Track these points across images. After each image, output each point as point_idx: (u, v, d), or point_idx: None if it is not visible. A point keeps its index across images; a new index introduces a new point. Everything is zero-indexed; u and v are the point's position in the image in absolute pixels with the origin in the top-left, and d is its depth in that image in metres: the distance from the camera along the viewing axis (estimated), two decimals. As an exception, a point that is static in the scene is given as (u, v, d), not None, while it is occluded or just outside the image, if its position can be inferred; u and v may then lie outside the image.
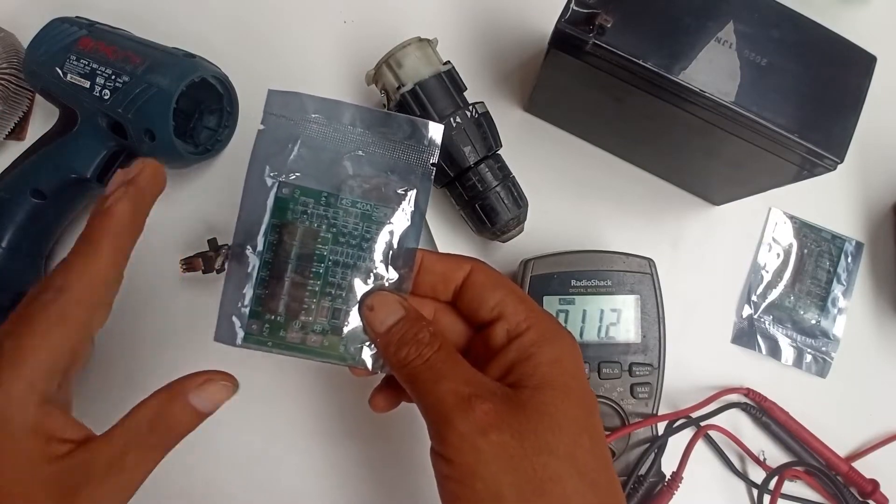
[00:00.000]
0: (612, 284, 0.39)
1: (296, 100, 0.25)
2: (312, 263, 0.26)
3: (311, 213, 0.26)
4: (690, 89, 0.31)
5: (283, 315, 0.26)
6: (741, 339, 0.44)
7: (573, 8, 0.31)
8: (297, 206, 0.26)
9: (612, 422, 0.38)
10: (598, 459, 0.25)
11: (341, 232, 0.26)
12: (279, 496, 0.40)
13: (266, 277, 0.25)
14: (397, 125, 0.26)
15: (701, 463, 0.41)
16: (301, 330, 0.26)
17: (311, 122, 0.26)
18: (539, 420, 0.24)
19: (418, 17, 0.47)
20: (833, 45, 0.32)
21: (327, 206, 0.26)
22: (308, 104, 0.25)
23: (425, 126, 0.26)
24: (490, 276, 0.27)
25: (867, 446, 0.42)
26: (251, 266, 0.25)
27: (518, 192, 0.40)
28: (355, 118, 0.26)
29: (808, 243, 0.46)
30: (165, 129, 0.37)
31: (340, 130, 0.26)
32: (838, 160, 0.31)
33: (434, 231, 0.41)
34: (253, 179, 0.25)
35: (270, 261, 0.25)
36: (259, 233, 0.25)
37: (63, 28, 0.40)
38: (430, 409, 0.24)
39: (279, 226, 0.25)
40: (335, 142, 0.26)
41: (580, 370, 0.26)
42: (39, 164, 0.40)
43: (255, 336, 0.25)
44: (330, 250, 0.26)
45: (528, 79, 0.46)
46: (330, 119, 0.26)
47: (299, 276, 0.26)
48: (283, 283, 0.25)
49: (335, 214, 0.26)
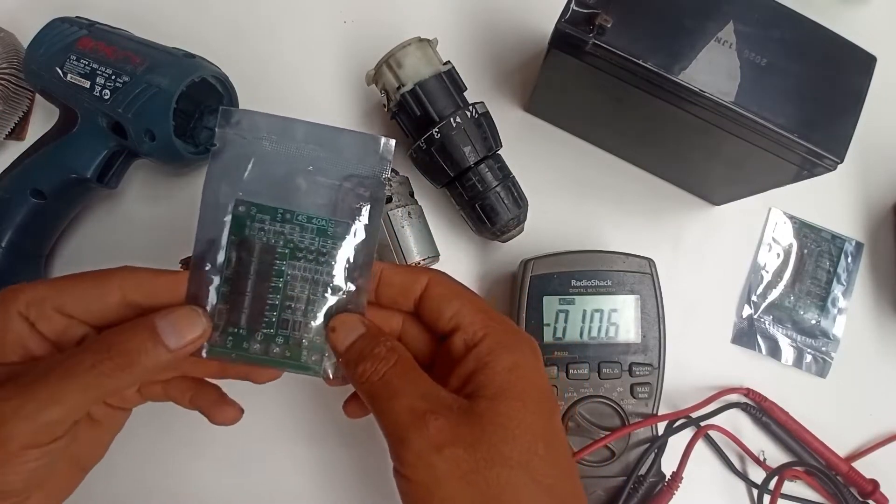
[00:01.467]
0: (612, 284, 0.39)
1: (248, 118, 0.26)
2: (271, 278, 0.26)
3: (268, 230, 0.26)
4: (690, 89, 0.31)
5: (246, 328, 0.26)
6: (741, 339, 0.44)
7: (573, 8, 0.31)
8: (253, 223, 0.26)
9: (612, 422, 0.38)
10: (555, 466, 0.24)
11: (298, 247, 0.26)
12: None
13: (227, 292, 0.26)
14: (349, 141, 0.27)
15: (701, 463, 0.41)
16: (264, 342, 0.26)
17: (263, 140, 0.26)
18: (493, 431, 0.23)
19: (418, 17, 0.47)
20: (833, 45, 0.32)
21: (283, 223, 0.26)
22: (260, 122, 0.26)
23: (376, 141, 0.27)
24: (447, 287, 0.27)
25: (867, 446, 0.43)
26: (212, 282, 0.26)
27: (518, 192, 0.40)
28: (308, 135, 0.26)
29: (808, 243, 0.46)
30: (165, 129, 0.37)
31: (294, 147, 0.26)
32: (838, 160, 0.31)
33: (434, 231, 0.41)
34: (209, 197, 0.26)
35: (231, 276, 0.26)
36: (218, 249, 0.26)
37: (63, 28, 0.40)
38: (387, 427, 0.24)
39: (237, 243, 0.26)
40: (289, 158, 0.26)
41: (539, 375, 0.26)
42: (39, 164, 0.40)
43: (219, 348, 0.26)
44: (288, 265, 0.26)
45: (528, 79, 0.46)
46: (282, 136, 0.26)
47: (259, 291, 0.26)
48: (244, 298, 0.26)
49: (291, 230, 0.26)
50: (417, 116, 0.38)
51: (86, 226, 0.44)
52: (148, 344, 0.23)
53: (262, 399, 0.41)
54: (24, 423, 0.22)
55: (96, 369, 0.22)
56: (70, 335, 0.25)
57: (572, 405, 0.38)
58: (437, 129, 0.37)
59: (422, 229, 0.40)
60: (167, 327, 0.24)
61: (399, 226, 0.39)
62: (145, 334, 0.24)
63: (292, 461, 0.41)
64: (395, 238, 0.38)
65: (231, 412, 0.28)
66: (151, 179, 0.44)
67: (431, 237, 0.40)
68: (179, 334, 0.24)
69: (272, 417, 0.41)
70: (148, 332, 0.24)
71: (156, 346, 0.23)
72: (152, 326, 0.24)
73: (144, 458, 0.40)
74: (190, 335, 0.24)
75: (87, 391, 0.23)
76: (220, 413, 0.28)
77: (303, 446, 0.41)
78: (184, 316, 0.24)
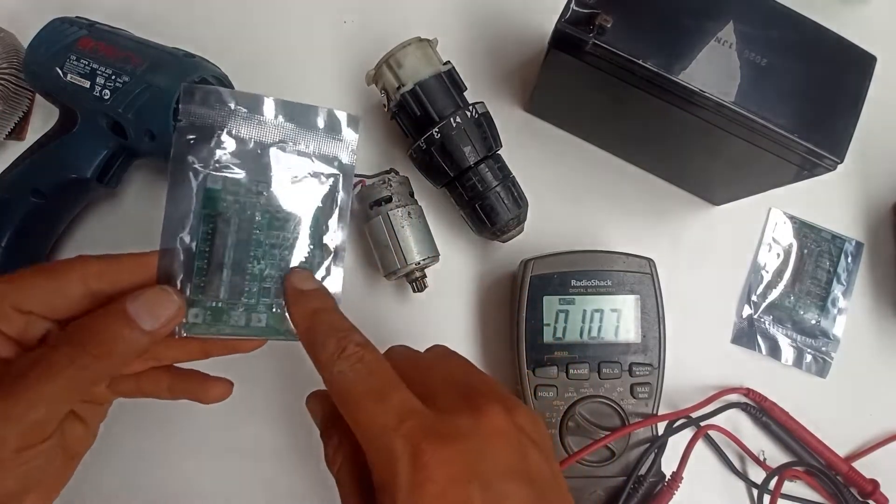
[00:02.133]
0: (612, 284, 0.39)
1: (214, 94, 0.26)
2: (251, 248, 0.27)
3: (244, 202, 0.27)
4: (690, 89, 0.31)
5: (226, 301, 0.26)
6: (741, 339, 0.44)
7: (573, 8, 0.31)
8: (227, 195, 0.26)
9: (612, 422, 0.38)
10: None
11: (275, 217, 0.27)
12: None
13: (203, 266, 0.26)
14: (317, 116, 0.28)
15: (701, 463, 0.41)
16: (245, 312, 0.27)
17: (233, 115, 0.26)
18: None
19: (418, 17, 0.47)
20: (833, 45, 0.32)
21: (258, 195, 0.27)
22: (227, 98, 0.26)
23: (342, 116, 0.28)
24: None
25: (867, 446, 0.43)
26: (185, 258, 0.26)
27: (518, 192, 0.40)
28: (277, 110, 0.27)
29: (808, 243, 0.46)
30: (165, 129, 0.37)
31: (264, 122, 0.27)
32: (838, 160, 0.31)
33: (434, 231, 0.41)
34: (177, 173, 0.26)
35: (207, 250, 0.26)
36: (188, 225, 0.26)
37: (63, 28, 0.40)
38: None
39: (213, 216, 0.26)
40: (259, 133, 0.27)
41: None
42: (39, 164, 0.40)
43: (198, 325, 0.26)
44: (266, 235, 0.27)
45: (529, 79, 0.46)
46: (252, 111, 0.27)
47: (239, 262, 0.26)
48: (222, 270, 0.26)
49: (267, 201, 0.27)
50: (417, 116, 0.38)
51: (86, 226, 0.44)
52: (124, 330, 0.23)
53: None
54: (13, 427, 0.21)
55: (75, 363, 0.22)
56: (32, 332, 0.24)
57: (572, 405, 0.38)
58: (437, 129, 0.37)
59: (422, 229, 0.40)
60: (139, 309, 0.23)
61: (399, 226, 0.39)
62: (119, 321, 0.23)
63: (288, 454, 0.41)
64: (395, 238, 0.38)
65: (220, 386, 0.28)
66: (151, 179, 0.44)
67: (431, 237, 0.40)
68: (153, 315, 0.23)
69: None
70: (121, 317, 0.23)
71: (132, 331, 0.23)
72: (123, 311, 0.23)
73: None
74: (165, 314, 0.24)
75: (69, 386, 0.22)
76: (209, 390, 0.28)
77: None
78: (155, 296, 0.24)
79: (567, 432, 0.38)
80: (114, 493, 0.40)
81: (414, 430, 0.21)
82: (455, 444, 0.21)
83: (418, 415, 0.22)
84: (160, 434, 0.40)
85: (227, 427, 0.41)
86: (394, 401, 0.22)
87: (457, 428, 0.22)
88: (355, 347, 0.23)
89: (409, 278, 0.40)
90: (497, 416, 0.23)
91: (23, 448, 0.22)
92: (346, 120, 0.28)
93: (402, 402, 0.22)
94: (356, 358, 0.23)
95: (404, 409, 0.22)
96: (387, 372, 0.23)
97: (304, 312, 0.25)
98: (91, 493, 0.39)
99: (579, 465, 0.38)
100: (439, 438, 0.21)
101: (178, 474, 0.40)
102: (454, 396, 0.24)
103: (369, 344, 0.24)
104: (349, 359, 0.23)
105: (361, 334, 0.25)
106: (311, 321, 0.25)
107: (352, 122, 0.28)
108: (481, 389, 0.25)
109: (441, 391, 0.24)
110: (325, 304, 0.26)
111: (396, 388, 0.23)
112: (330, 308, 0.26)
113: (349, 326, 0.25)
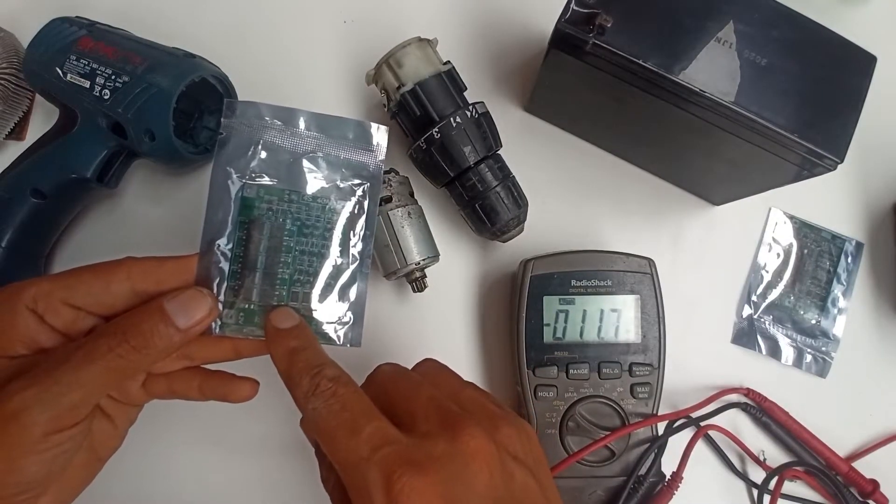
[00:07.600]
0: (612, 284, 0.39)
1: (252, 108, 0.28)
2: (281, 254, 0.28)
3: (276, 210, 0.28)
4: (690, 89, 0.31)
5: (257, 304, 0.28)
6: (741, 339, 0.44)
7: (573, 8, 0.31)
8: (262, 203, 0.28)
9: (612, 422, 0.38)
10: None
11: (305, 224, 0.28)
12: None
13: (238, 270, 0.28)
14: (347, 128, 0.29)
15: (701, 463, 0.41)
16: None
17: (268, 128, 0.28)
18: None
19: (418, 17, 0.47)
20: (833, 45, 0.32)
21: (290, 202, 0.28)
22: (264, 111, 0.28)
23: (372, 127, 0.29)
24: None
25: (867, 446, 0.43)
26: (221, 261, 0.27)
27: (518, 192, 0.40)
28: (309, 122, 0.29)
29: (808, 243, 0.46)
30: (165, 129, 0.37)
31: (297, 134, 0.29)
32: (838, 160, 0.31)
33: (434, 231, 0.41)
34: (217, 182, 0.28)
35: (241, 255, 0.28)
36: (226, 231, 0.27)
37: (63, 28, 0.40)
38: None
39: (247, 223, 0.28)
40: (293, 144, 0.29)
41: None
42: (39, 164, 0.40)
43: (231, 325, 0.27)
44: (296, 241, 0.28)
45: (528, 79, 0.46)
46: (286, 124, 0.28)
47: (270, 267, 0.28)
48: (255, 274, 0.28)
49: (298, 209, 0.28)
50: (417, 116, 0.38)
51: (86, 226, 0.44)
52: (160, 325, 0.25)
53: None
54: (45, 409, 0.22)
55: (114, 352, 0.24)
56: (79, 326, 0.26)
57: (572, 405, 0.38)
58: (437, 129, 0.37)
59: (422, 229, 0.40)
60: (175, 308, 0.25)
61: (399, 226, 0.39)
62: (156, 317, 0.25)
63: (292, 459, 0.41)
64: (395, 238, 0.38)
65: (247, 386, 0.29)
66: (151, 179, 0.44)
67: (431, 237, 0.40)
68: (187, 314, 0.25)
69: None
70: (158, 314, 0.25)
71: (167, 327, 0.25)
72: (161, 308, 0.25)
73: (147, 457, 0.40)
74: (198, 314, 0.25)
75: (106, 373, 0.24)
76: (236, 390, 0.29)
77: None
78: (190, 296, 0.26)
79: (567, 432, 0.38)
80: (126, 497, 0.40)
81: (388, 459, 0.21)
82: (430, 471, 0.21)
83: (393, 443, 0.22)
84: (168, 434, 0.40)
85: (235, 426, 0.41)
86: (367, 432, 0.22)
87: (432, 454, 0.22)
88: (328, 383, 0.24)
89: (409, 278, 0.40)
90: (475, 438, 0.23)
91: (51, 432, 0.23)
92: (374, 130, 0.29)
93: (376, 432, 0.22)
94: (329, 394, 0.24)
95: (378, 439, 0.22)
96: (360, 404, 0.24)
97: (282, 353, 0.26)
98: (100, 494, 0.39)
99: (579, 465, 0.38)
100: (413, 466, 0.21)
101: (184, 474, 0.40)
102: (434, 420, 0.24)
103: (342, 377, 0.25)
104: (322, 395, 0.24)
105: (336, 368, 0.25)
106: (288, 361, 0.26)
107: (380, 132, 0.30)
108: (466, 408, 0.25)
109: (422, 414, 0.24)
110: (301, 342, 0.26)
111: (371, 418, 0.23)
112: (306, 346, 0.26)
113: (323, 362, 0.25)
